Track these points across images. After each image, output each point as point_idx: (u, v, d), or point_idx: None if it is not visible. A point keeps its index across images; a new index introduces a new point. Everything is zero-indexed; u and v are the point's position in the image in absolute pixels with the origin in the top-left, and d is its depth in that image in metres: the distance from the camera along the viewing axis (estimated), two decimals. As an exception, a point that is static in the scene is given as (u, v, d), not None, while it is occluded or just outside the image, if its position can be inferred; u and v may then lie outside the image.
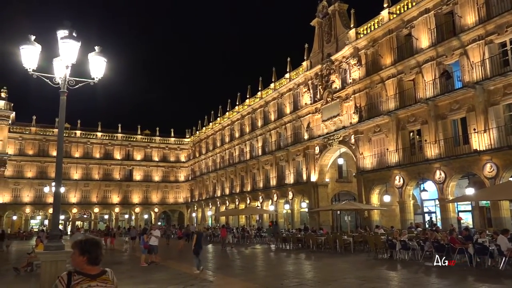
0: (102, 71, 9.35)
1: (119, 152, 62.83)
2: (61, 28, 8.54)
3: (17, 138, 56.03)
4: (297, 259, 20.17)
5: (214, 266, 17.89)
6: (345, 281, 12.40)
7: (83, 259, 3.24)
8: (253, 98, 48.17)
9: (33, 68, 8.85)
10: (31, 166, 56.56)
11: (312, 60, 37.44)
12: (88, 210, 59.89)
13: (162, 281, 12.85)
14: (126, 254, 25.21)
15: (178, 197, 66.91)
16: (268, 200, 43.57)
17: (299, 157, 38.83)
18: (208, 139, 60.73)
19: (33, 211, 56.80)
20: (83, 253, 3.24)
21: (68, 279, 3.16)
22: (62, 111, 9.04)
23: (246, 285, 12.02)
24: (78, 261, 3.26)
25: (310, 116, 37.17)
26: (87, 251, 3.24)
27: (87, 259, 3.24)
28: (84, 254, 3.24)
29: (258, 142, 46.42)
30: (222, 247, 27.18)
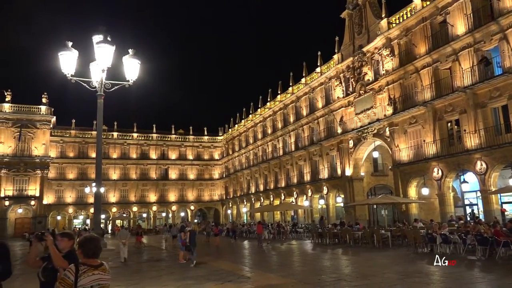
0: (136, 73, 9.60)
1: (155, 151, 64.23)
2: (97, 33, 8.83)
3: (58, 142, 58.28)
4: (334, 254, 20.02)
5: (251, 262, 18.02)
6: (385, 276, 12.19)
7: (79, 251, 3.88)
8: (285, 94, 48.01)
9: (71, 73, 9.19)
10: (72, 168, 58.73)
11: (343, 53, 36.89)
12: (127, 209, 61.61)
13: (200, 278, 13.05)
14: (165, 251, 25.78)
15: (213, 195, 67.72)
16: (302, 195, 43.40)
17: (333, 151, 38.42)
18: (240, 136, 61.09)
19: (76, 211, 58.98)
20: (79, 247, 3.89)
21: (76, 269, 3.72)
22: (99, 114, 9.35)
23: (284, 280, 12.04)
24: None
25: (343, 110, 36.68)
26: (81, 246, 3.87)
27: (82, 251, 3.86)
28: (79, 248, 3.88)
29: (291, 138, 46.26)
30: (258, 243, 27.31)
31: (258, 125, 55.00)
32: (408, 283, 10.79)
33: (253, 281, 12.14)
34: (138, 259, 20.98)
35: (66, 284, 3.64)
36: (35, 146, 54.03)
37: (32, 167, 53.33)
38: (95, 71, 9.39)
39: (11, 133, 52.97)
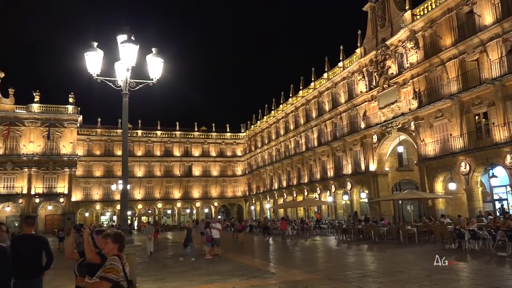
0: (159, 71, 9.70)
1: (178, 149, 65.00)
2: (121, 33, 8.96)
3: (85, 140, 59.67)
4: (359, 250, 19.85)
5: (275, 258, 18.05)
6: (411, 272, 12.02)
7: (115, 246, 4.22)
8: (307, 89, 47.74)
9: (97, 73, 9.37)
10: (99, 166, 60.05)
11: (366, 47, 36.37)
12: (152, 205, 62.58)
13: (225, 273, 13.16)
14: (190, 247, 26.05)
15: (236, 191, 68.10)
16: (326, 191, 43.14)
17: (357, 146, 38.01)
18: (263, 132, 61.13)
19: (103, 207, 60.30)
20: (116, 242, 4.24)
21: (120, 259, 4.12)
22: (125, 112, 9.49)
23: (308, 276, 12.02)
24: (111, 247, 4.23)
25: (366, 104, 36.22)
26: (119, 241, 4.25)
27: (119, 246, 4.24)
28: (116, 243, 4.23)
29: (314, 133, 46.00)
30: (282, 239, 27.33)
31: (280, 121, 54.91)
32: (436, 280, 10.60)
33: (278, 277, 12.17)
34: (164, 255, 21.32)
35: (116, 272, 3.99)
36: (63, 145, 55.48)
37: (61, 165, 54.81)
38: (120, 70, 9.53)
39: (40, 133, 54.53)
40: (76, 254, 5.20)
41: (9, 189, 52.61)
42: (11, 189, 52.65)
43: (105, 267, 4.00)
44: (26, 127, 53.99)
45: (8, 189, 52.57)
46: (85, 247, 4.83)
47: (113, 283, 3.91)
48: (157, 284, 11.63)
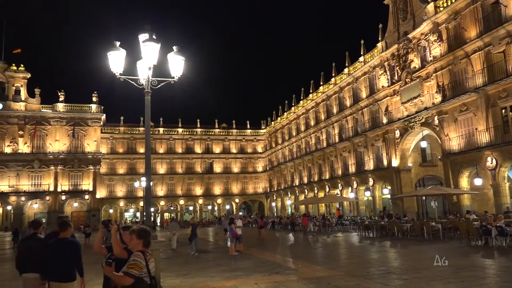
0: (181, 69, 9.79)
1: (199, 146, 65.54)
2: (142, 32, 9.07)
3: (108, 138, 60.80)
4: (381, 247, 19.62)
5: (297, 254, 18.03)
6: (437, 269, 11.81)
7: (140, 242, 4.25)
8: (327, 85, 47.37)
9: (120, 72, 9.51)
10: (122, 163, 61.11)
11: (387, 41, 35.81)
12: (174, 202, 63.39)
13: (248, 269, 13.22)
14: (212, 243, 26.31)
15: (257, 187, 68.24)
16: (347, 187, 42.81)
17: (378, 142, 37.55)
18: (283, 129, 61.01)
19: (126, 204, 61.39)
20: (140, 237, 4.26)
21: (144, 255, 4.14)
22: (147, 110, 9.61)
23: (331, 272, 11.96)
24: (136, 243, 4.26)
25: (388, 99, 35.70)
26: (143, 237, 4.26)
27: (143, 242, 4.25)
28: (140, 238, 4.26)
29: (335, 129, 45.65)
30: (304, 235, 27.27)
31: (300, 117, 54.69)
32: (462, 277, 10.39)
33: (300, 273, 12.15)
34: (186, 251, 21.56)
35: (139, 268, 4.02)
36: (87, 143, 56.69)
37: (85, 163, 56.04)
38: (142, 69, 9.64)
39: (65, 131, 55.84)
40: (104, 249, 5.35)
41: (37, 187, 54.13)
42: (39, 187, 54.16)
43: (129, 262, 4.08)
44: (52, 126, 55.39)
45: (36, 187, 54.09)
46: (113, 242, 4.94)
47: (135, 278, 3.98)
48: (180, 280, 11.77)
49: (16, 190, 52.90)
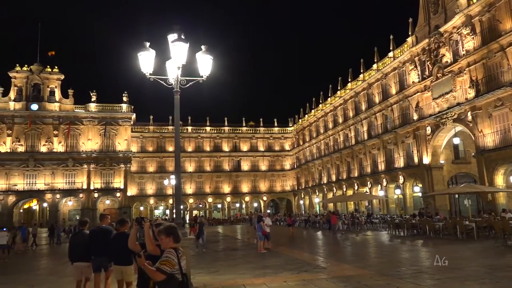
0: (209, 68, 9.89)
1: (227, 144, 65.97)
2: (171, 32, 9.22)
3: (138, 137, 62.06)
4: (413, 246, 19.24)
5: (325, 253, 17.93)
6: (470, 269, 11.49)
7: (169, 239, 4.29)
8: (355, 81, 46.74)
9: (149, 72, 9.71)
10: (152, 162, 62.26)
11: (417, 35, 34.99)
12: (202, 200, 64.08)
13: (277, 267, 13.25)
14: (241, 241, 26.47)
15: (285, 185, 68.13)
16: (377, 185, 42.16)
17: (409, 139, 36.78)
18: (311, 126, 60.65)
19: (156, 202, 62.53)
20: (168, 235, 4.30)
21: (176, 252, 4.19)
22: (176, 109, 9.77)
23: (360, 271, 11.83)
24: (166, 241, 4.29)
25: (418, 95, 34.90)
26: (171, 233, 4.30)
27: (173, 238, 4.29)
28: (169, 235, 4.29)
29: (363, 126, 45.03)
30: (332, 234, 27.07)
31: (328, 114, 54.20)
32: (498, 277, 10.08)
33: (329, 272, 12.08)
34: (215, 248, 21.79)
35: (171, 265, 4.08)
36: (118, 142, 58.07)
37: (116, 161, 57.43)
38: (171, 68, 9.79)
39: (97, 131, 57.39)
40: (137, 246, 5.49)
41: (71, 185, 55.89)
42: (73, 185, 55.90)
43: (161, 259, 4.16)
44: (85, 125, 57.04)
45: (70, 185, 55.86)
46: (146, 239, 5.05)
47: (167, 275, 4.04)
48: (210, 277, 11.91)
49: (51, 188, 54.79)
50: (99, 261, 7.92)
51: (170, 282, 4.08)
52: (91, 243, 7.86)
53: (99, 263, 7.96)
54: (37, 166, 54.76)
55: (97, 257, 7.87)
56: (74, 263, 8.07)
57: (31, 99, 55.69)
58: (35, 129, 55.45)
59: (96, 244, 7.79)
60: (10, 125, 54.61)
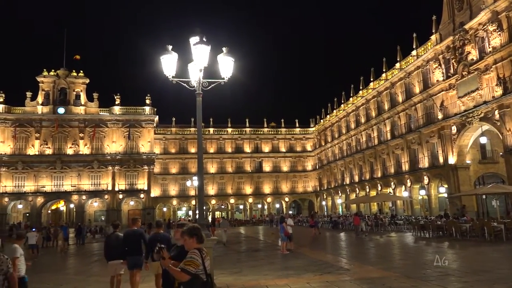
0: (230, 70, 9.94)
1: (249, 145, 66.12)
2: (193, 35, 9.31)
3: (161, 139, 62.88)
4: (438, 247, 18.84)
5: (349, 254, 17.75)
6: (499, 272, 11.19)
7: (193, 239, 4.33)
8: (378, 81, 46.17)
9: (172, 75, 9.83)
10: (174, 163, 62.97)
11: (441, 33, 34.30)
12: (224, 201, 64.42)
13: (300, 268, 13.20)
14: (263, 242, 26.48)
15: (307, 186, 67.81)
16: (400, 186, 41.51)
17: (433, 138, 36.08)
18: (333, 126, 60.20)
19: (179, 203, 63.20)
20: (192, 235, 4.34)
21: (200, 253, 4.22)
22: (199, 111, 9.85)
23: (385, 273, 11.66)
24: (190, 242, 4.34)
25: (443, 94, 34.20)
26: (194, 234, 4.34)
27: (196, 239, 4.33)
28: (192, 236, 4.34)
29: (386, 126, 44.41)
30: (355, 235, 26.79)
31: (350, 114, 53.69)
32: (528, 281, 9.78)
33: (353, 273, 11.96)
34: (238, 249, 21.86)
35: (195, 265, 4.12)
36: (142, 144, 58.96)
37: (140, 163, 58.32)
38: (193, 71, 9.88)
39: (121, 133, 58.43)
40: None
41: (96, 186, 57.05)
42: (98, 186, 57.05)
43: (186, 259, 4.21)
44: (109, 128, 58.16)
45: (95, 186, 57.03)
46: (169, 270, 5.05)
47: (191, 275, 4.09)
48: (233, 277, 11.97)
49: (77, 189, 56.07)
50: (133, 259, 8.91)
51: (194, 283, 4.12)
52: (126, 244, 8.90)
53: (133, 262, 8.93)
54: (64, 168, 56.13)
55: (131, 256, 8.88)
56: (109, 261, 9.17)
57: (58, 102, 57.15)
58: (62, 132, 56.86)
59: (130, 245, 8.86)
60: (38, 129, 56.18)
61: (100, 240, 33.01)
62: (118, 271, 9.23)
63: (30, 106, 56.76)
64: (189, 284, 4.13)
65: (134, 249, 8.89)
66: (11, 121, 55.44)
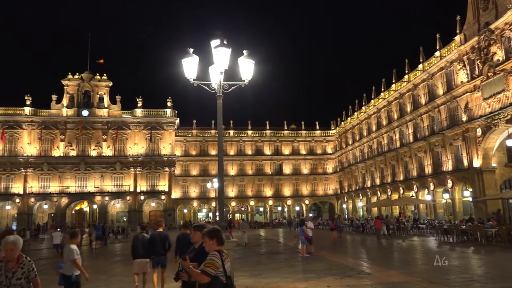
0: (251, 72, 9.97)
1: (269, 147, 66.06)
2: (214, 38, 9.38)
3: (182, 141, 63.47)
4: (463, 253, 18.43)
5: (370, 258, 17.54)
6: (527, 279, 10.86)
7: (213, 241, 4.36)
8: (400, 82, 45.50)
9: (193, 78, 9.92)
10: (195, 165, 63.44)
11: (466, 33, 33.59)
12: (244, 203, 64.52)
13: (320, 271, 13.11)
14: (283, 244, 26.40)
15: (327, 189, 67.30)
16: (423, 189, 40.75)
17: (457, 141, 35.32)
18: (354, 129, 59.62)
19: (199, 204, 63.60)
20: (212, 237, 4.37)
21: (220, 255, 4.24)
22: (219, 114, 9.89)
23: (407, 278, 11.47)
24: (210, 244, 4.36)
25: (467, 95, 33.46)
26: (214, 236, 4.37)
27: (216, 241, 4.35)
28: (213, 238, 4.36)
29: (409, 128, 43.71)
30: (377, 238, 26.45)
31: (372, 116, 53.08)
32: (558, 288, 9.46)
33: (374, 277, 11.81)
34: (258, 251, 21.86)
35: (215, 267, 4.15)
36: (163, 146, 59.69)
37: (161, 165, 59.02)
38: (213, 73, 9.95)
39: (143, 135, 59.29)
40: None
41: (118, 187, 58.00)
42: (120, 187, 57.99)
43: (206, 261, 4.23)
44: (131, 130, 59.10)
45: (118, 187, 57.98)
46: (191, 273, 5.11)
47: (211, 277, 4.11)
48: (253, 280, 11.97)
49: (100, 191, 57.12)
50: (157, 259, 9.89)
51: (214, 284, 4.14)
52: (151, 245, 9.85)
53: (157, 261, 9.91)
54: (88, 169, 57.29)
55: (155, 256, 9.84)
56: (135, 259, 10.03)
57: (82, 105, 58.44)
58: (86, 134, 58.07)
59: (155, 246, 9.82)
60: (63, 131, 57.55)
61: (122, 240, 33.52)
62: (145, 269, 10.09)
63: (55, 108, 58.23)
64: (209, 286, 4.15)
65: (158, 249, 9.83)
66: (37, 124, 56.98)
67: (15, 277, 4.67)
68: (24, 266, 4.75)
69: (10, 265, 4.69)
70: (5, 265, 4.68)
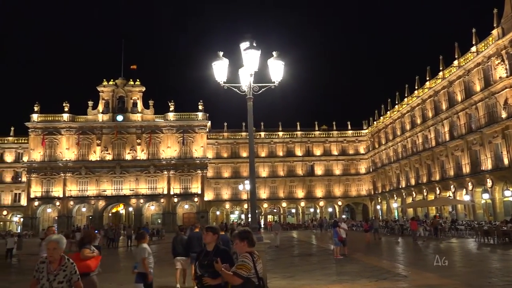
0: (281, 74, 9.96)
1: (300, 148, 65.69)
2: (243, 41, 9.44)
3: (213, 144, 64.11)
4: (504, 255, 17.69)
5: (406, 260, 17.12)
6: None
7: (244, 243, 4.35)
8: (434, 80, 44.27)
9: (223, 80, 10.01)
10: (227, 167, 63.91)
11: (504, 26, 32.32)
12: (276, 204, 64.38)
13: (354, 274, 12.91)
14: (316, 246, 26.18)
15: (361, 190, 66.22)
16: (461, 189, 39.41)
17: (497, 139, 33.98)
18: (387, 128, 58.44)
19: (232, 206, 64.00)
20: (243, 239, 4.36)
21: (251, 257, 4.26)
22: (250, 116, 9.93)
23: (445, 281, 11.12)
24: (241, 246, 4.35)
25: (507, 91, 32.15)
26: (245, 237, 4.36)
27: (247, 242, 4.34)
28: (243, 240, 4.36)
29: (444, 127, 42.43)
30: (413, 240, 25.80)
31: (405, 115, 51.86)
32: None
33: (410, 280, 11.52)
34: (291, 253, 21.77)
35: (247, 269, 4.17)
36: (195, 149, 60.51)
37: (194, 167, 59.84)
38: (243, 75, 10.00)
39: (175, 139, 60.34)
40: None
41: (153, 190, 59.26)
42: (154, 190, 59.22)
43: (237, 263, 4.25)
44: (164, 134, 60.28)
45: (152, 190, 59.25)
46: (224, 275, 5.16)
47: (243, 279, 4.13)
48: (286, 281, 11.93)
49: (135, 193, 58.54)
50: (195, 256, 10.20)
51: (246, 286, 4.15)
52: (189, 244, 11.13)
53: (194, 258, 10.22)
54: (123, 173, 58.82)
55: (193, 253, 10.50)
56: (175, 257, 11.24)
57: (117, 110, 60.15)
58: (121, 139, 59.68)
59: (192, 245, 11.05)
60: (99, 136, 59.40)
61: (157, 242, 34.17)
62: (185, 267, 11.28)
63: (91, 114, 60.19)
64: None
65: (196, 248, 10.73)
66: (75, 129, 59.08)
67: (56, 281, 4.41)
68: (66, 268, 4.48)
69: (52, 266, 4.44)
70: (47, 267, 4.44)
